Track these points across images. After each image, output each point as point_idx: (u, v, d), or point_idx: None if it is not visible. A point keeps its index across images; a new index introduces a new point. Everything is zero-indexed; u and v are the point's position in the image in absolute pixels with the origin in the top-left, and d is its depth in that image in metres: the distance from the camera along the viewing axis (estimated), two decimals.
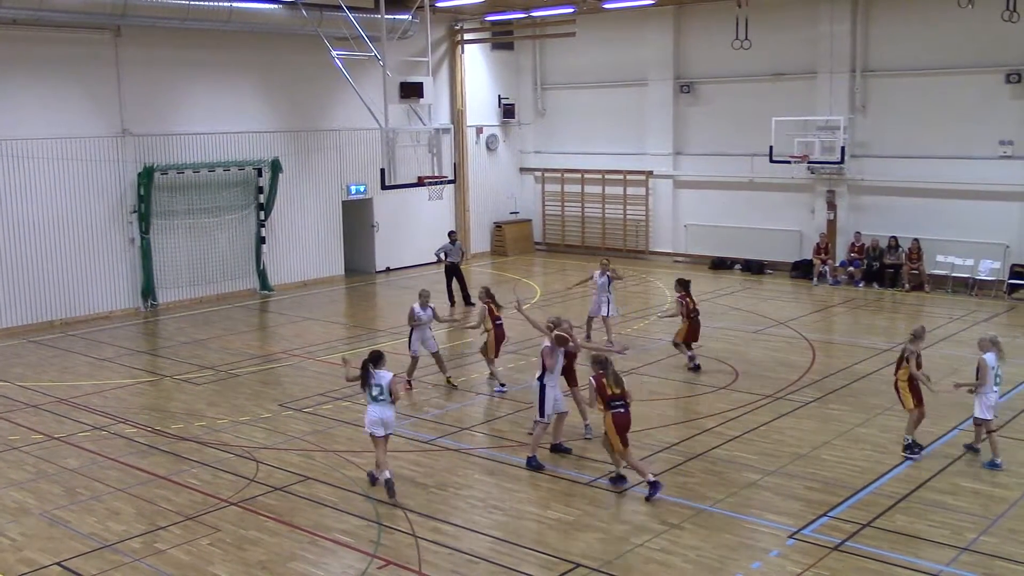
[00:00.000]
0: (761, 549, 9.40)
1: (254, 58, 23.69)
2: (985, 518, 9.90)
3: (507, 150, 30.87)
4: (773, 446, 12.30)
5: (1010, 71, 21.94)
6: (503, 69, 30.49)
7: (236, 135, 23.48)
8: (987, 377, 11.36)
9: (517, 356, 17.02)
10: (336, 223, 25.98)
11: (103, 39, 21.01)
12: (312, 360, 17.32)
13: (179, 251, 22.49)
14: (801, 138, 24.30)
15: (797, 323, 19.62)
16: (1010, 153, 22.21)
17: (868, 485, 10.93)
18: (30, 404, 14.80)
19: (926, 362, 12.21)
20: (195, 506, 10.68)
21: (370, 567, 9.14)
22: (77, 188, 20.83)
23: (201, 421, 13.84)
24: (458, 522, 10.17)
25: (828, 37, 24.45)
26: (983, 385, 11.37)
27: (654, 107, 27.93)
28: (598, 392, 10.86)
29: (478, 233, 30.05)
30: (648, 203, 28.41)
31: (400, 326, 19.94)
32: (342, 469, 11.76)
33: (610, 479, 11.16)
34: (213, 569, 9.17)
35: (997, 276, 22.24)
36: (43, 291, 20.44)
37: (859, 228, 24.36)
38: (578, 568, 9.03)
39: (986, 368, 11.38)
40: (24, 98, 19.97)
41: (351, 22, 20.75)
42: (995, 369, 11.37)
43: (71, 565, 9.28)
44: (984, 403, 11.41)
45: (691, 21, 27.12)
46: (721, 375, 15.70)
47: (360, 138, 25.76)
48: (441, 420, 13.69)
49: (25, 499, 11.01)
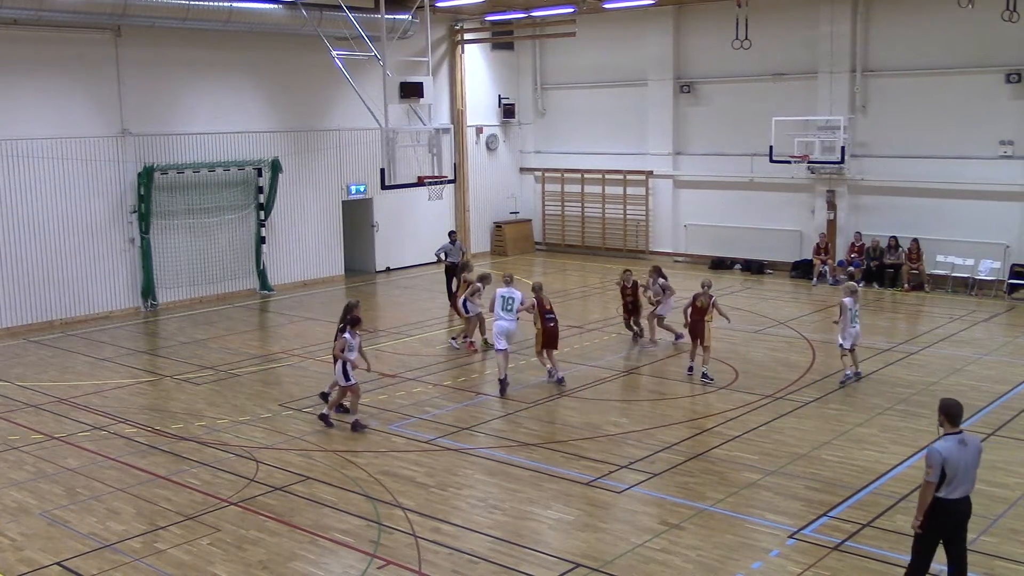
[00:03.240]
0: (761, 549, 9.40)
1: (254, 58, 23.69)
2: (985, 518, 9.89)
3: (507, 150, 30.87)
4: (773, 446, 12.31)
5: (1010, 71, 21.94)
6: (503, 69, 30.50)
7: (236, 135, 23.48)
8: (846, 315, 14.89)
9: (517, 356, 17.01)
10: (336, 223, 25.99)
11: (103, 39, 21.01)
12: (312, 360, 17.32)
13: (179, 251, 22.49)
14: (801, 138, 24.31)
15: (797, 323, 19.62)
16: (1010, 153, 22.22)
17: (868, 485, 10.93)
18: (30, 404, 14.80)
19: (926, 362, 12.20)
20: (195, 506, 10.68)
21: (370, 567, 9.14)
22: (77, 188, 20.84)
23: (201, 421, 13.84)
24: (458, 522, 10.16)
25: (828, 37, 24.45)
26: (844, 321, 14.91)
27: (654, 107, 27.93)
28: (539, 307, 15.01)
29: (478, 233, 30.06)
30: (648, 203, 28.42)
31: (400, 326, 19.98)
32: (342, 469, 11.77)
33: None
34: (213, 569, 9.17)
35: (997, 276, 22.24)
36: (43, 291, 20.44)
37: (859, 228, 24.36)
38: (578, 568, 9.03)
39: (845, 309, 14.91)
40: (24, 98, 19.97)
41: (351, 22, 20.76)
42: (852, 310, 14.94)
43: (71, 565, 9.28)
44: (850, 333, 14.98)
45: (691, 21, 27.12)
46: (721, 375, 15.70)
47: (360, 138, 25.77)
48: (441, 420, 13.68)
49: (25, 499, 11.01)
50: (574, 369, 16.32)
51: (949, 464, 7.65)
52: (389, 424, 13.51)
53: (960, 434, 7.83)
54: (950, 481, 7.70)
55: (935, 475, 7.70)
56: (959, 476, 7.70)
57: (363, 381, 15.74)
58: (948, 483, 7.69)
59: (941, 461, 7.65)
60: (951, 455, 7.68)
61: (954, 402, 7.92)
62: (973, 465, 7.81)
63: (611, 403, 14.43)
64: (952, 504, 7.77)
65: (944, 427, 7.90)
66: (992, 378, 15.30)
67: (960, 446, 7.75)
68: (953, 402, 7.93)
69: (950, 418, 7.87)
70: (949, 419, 7.87)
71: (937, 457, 7.67)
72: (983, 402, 13.98)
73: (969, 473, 7.78)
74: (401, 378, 15.92)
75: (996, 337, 18.45)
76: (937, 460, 7.67)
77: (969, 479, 7.80)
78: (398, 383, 15.62)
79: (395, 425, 13.46)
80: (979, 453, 7.91)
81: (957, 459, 7.68)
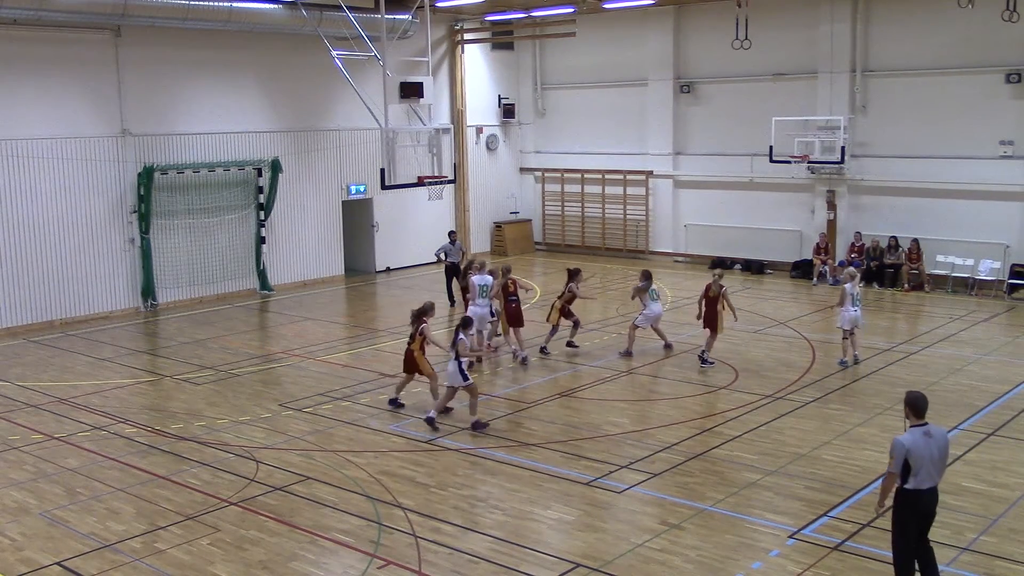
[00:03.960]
0: (761, 549, 9.39)
1: (254, 58, 23.69)
2: (985, 518, 9.89)
3: (507, 150, 30.88)
4: (773, 446, 12.31)
5: (1010, 71, 21.94)
6: (503, 69, 30.50)
7: (236, 135, 23.48)
8: (846, 298, 15.80)
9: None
10: (336, 223, 25.99)
11: (103, 39, 21.01)
12: (312, 360, 17.32)
13: (179, 251, 22.49)
14: (801, 138, 24.31)
15: (797, 323, 19.62)
16: (1010, 153, 22.22)
17: (868, 485, 10.91)
18: (30, 404, 14.80)
19: (926, 362, 12.20)
20: (195, 506, 10.67)
21: (370, 567, 9.14)
22: (77, 188, 20.83)
23: (201, 421, 13.84)
24: (458, 522, 10.16)
25: (828, 37, 24.46)
26: (844, 304, 15.83)
27: (654, 107, 27.94)
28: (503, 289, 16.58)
29: (478, 233, 30.06)
30: (648, 203, 28.42)
31: (400, 326, 19.95)
32: (342, 469, 11.77)
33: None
34: (213, 569, 9.17)
35: (997, 276, 22.24)
36: (43, 291, 20.44)
37: (859, 228, 24.37)
38: (578, 568, 9.03)
39: (845, 293, 15.84)
40: (24, 98, 19.97)
41: (351, 22, 20.77)
42: (853, 294, 15.83)
43: (71, 565, 9.28)
44: (845, 317, 15.83)
45: (691, 21, 27.12)
46: (721, 375, 15.71)
47: (360, 138, 25.77)
48: (441, 420, 13.68)
49: (25, 499, 11.01)
50: (574, 369, 16.33)
51: (913, 455, 7.80)
52: (389, 424, 13.51)
53: (926, 426, 7.97)
54: (916, 472, 7.83)
55: (896, 465, 7.87)
56: (925, 467, 7.83)
57: (364, 380, 15.77)
58: (914, 474, 7.84)
59: (904, 452, 7.81)
60: (915, 446, 7.82)
61: (919, 395, 8.07)
62: (940, 457, 7.93)
63: (611, 403, 14.43)
64: (922, 495, 7.90)
65: (910, 419, 8.03)
66: (992, 378, 15.30)
67: (925, 438, 7.88)
68: (918, 394, 8.07)
69: (915, 411, 8.00)
70: (914, 411, 8.01)
71: (900, 448, 7.83)
72: (983, 402, 13.98)
73: (936, 465, 7.91)
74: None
75: (996, 337, 18.45)
76: (900, 451, 7.82)
77: (936, 470, 7.93)
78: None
79: (395, 425, 13.46)
80: (946, 445, 8.03)
81: (922, 450, 7.81)
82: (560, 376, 15.96)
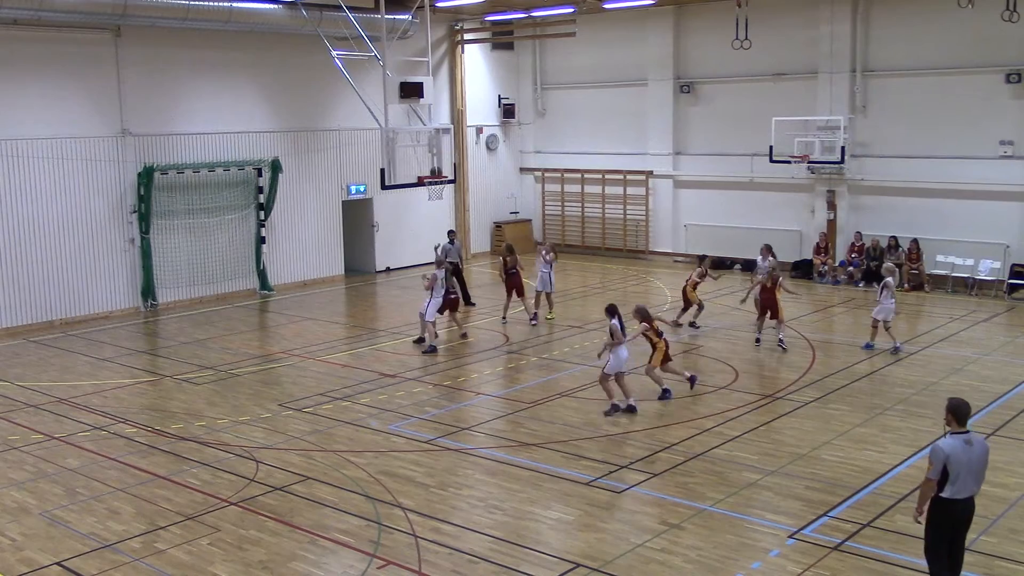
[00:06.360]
0: (761, 549, 9.39)
1: (254, 58, 23.69)
2: (985, 518, 9.88)
3: (507, 150, 30.87)
4: (773, 446, 12.31)
5: (1010, 71, 21.94)
6: (503, 69, 30.50)
7: (236, 135, 23.48)
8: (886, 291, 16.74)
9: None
10: (336, 223, 25.98)
11: (103, 39, 21.01)
12: (312, 360, 17.33)
13: (179, 251, 22.49)
14: (801, 138, 24.30)
15: (797, 323, 19.61)
16: (1010, 153, 22.21)
17: (868, 485, 10.92)
18: (30, 404, 14.80)
19: (927, 362, 12.19)
20: (195, 506, 10.67)
21: (370, 567, 9.14)
22: (77, 188, 20.83)
23: (201, 421, 13.84)
24: (458, 522, 10.16)
25: (828, 37, 24.45)
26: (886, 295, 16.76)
27: (654, 107, 27.94)
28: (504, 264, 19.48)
29: (478, 233, 30.06)
30: (648, 203, 28.42)
31: (401, 326, 19.97)
32: (342, 469, 11.76)
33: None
34: (213, 569, 9.17)
35: (997, 276, 22.24)
36: (43, 291, 20.44)
37: (859, 228, 24.36)
38: (578, 568, 9.03)
39: (888, 286, 16.75)
40: (24, 98, 19.96)
41: (351, 22, 20.76)
42: (892, 288, 16.80)
43: (71, 565, 9.28)
44: (887, 308, 16.82)
45: (691, 21, 27.12)
46: (721, 375, 15.71)
47: (360, 138, 25.77)
48: (441, 420, 13.69)
49: (25, 499, 11.01)
50: (574, 369, 16.33)
51: (952, 463, 7.62)
52: (389, 424, 13.51)
53: (967, 434, 7.78)
54: (954, 481, 7.66)
55: (935, 472, 7.68)
56: (963, 476, 7.66)
57: (364, 380, 15.78)
58: (952, 483, 7.66)
59: (944, 459, 7.62)
60: (955, 454, 7.64)
61: (962, 402, 7.88)
62: (979, 466, 7.77)
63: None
64: (957, 504, 7.75)
65: (951, 426, 7.86)
66: (992, 378, 15.30)
67: (966, 446, 7.70)
68: (961, 402, 7.88)
69: (957, 418, 7.82)
70: (956, 419, 7.82)
71: (940, 454, 7.64)
72: (983, 402, 13.97)
73: (974, 474, 7.74)
74: (401, 378, 15.92)
75: (996, 337, 18.45)
76: (940, 457, 7.64)
77: (974, 480, 7.75)
78: (398, 383, 15.62)
79: (395, 425, 13.46)
80: (986, 454, 7.85)
81: (961, 459, 7.64)
82: (560, 376, 15.96)
